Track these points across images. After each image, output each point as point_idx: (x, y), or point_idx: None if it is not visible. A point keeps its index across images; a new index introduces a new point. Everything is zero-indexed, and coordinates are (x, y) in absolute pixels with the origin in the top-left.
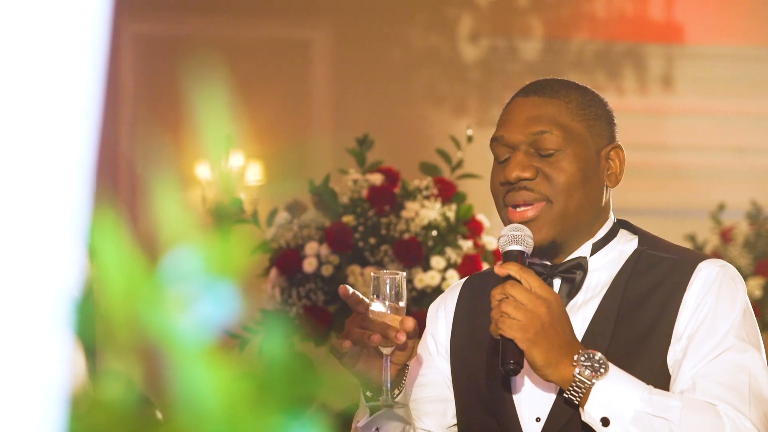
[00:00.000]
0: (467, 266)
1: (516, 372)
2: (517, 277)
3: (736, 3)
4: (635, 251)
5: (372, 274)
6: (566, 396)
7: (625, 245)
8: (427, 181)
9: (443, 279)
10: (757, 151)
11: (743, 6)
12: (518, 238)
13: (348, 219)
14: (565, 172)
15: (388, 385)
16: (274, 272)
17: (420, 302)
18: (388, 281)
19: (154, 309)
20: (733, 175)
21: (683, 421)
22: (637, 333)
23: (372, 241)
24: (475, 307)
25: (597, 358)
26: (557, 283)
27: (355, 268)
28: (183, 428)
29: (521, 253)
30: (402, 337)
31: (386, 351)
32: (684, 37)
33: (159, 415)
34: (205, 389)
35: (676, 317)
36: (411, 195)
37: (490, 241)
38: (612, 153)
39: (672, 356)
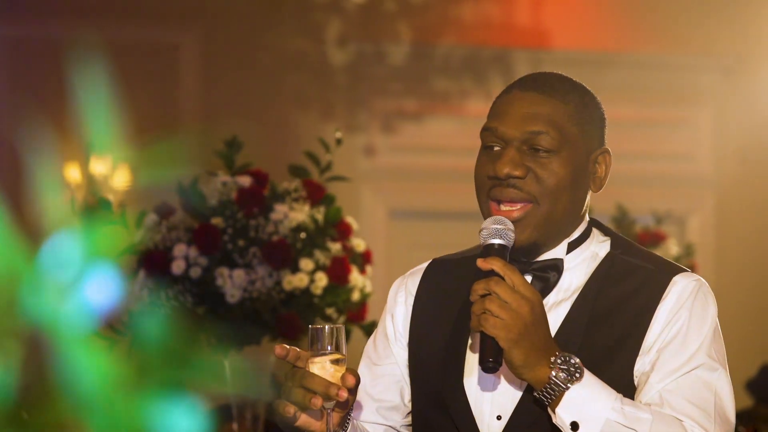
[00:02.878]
0: (336, 268)
1: (495, 370)
2: (501, 273)
3: (602, 9)
4: (608, 255)
5: (309, 327)
6: (536, 396)
7: (597, 246)
8: (296, 183)
9: (312, 281)
10: (622, 156)
11: (609, 12)
12: (501, 232)
13: (217, 221)
14: (556, 174)
15: None
16: (142, 274)
17: (288, 304)
18: (326, 333)
19: (35, 295)
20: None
21: None
22: (607, 341)
23: (241, 243)
24: (438, 294)
25: (573, 362)
26: (529, 279)
27: (224, 270)
28: (62, 412)
29: (503, 247)
30: (344, 395)
31: (328, 406)
32: (550, 42)
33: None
34: (84, 374)
35: (647, 329)
36: (280, 197)
37: (358, 243)
38: (600, 158)
39: (639, 368)
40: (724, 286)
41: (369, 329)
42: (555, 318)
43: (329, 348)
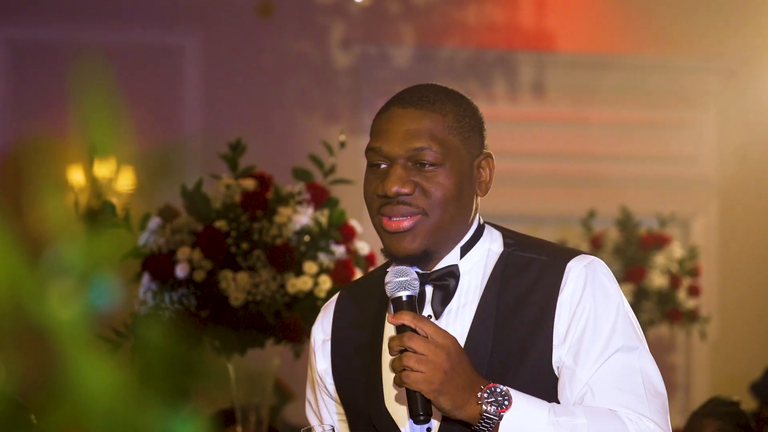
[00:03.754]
0: (340, 271)
1: (427, 421)
2: (412, 326)
3: (606, 11)
4: (503, 253)
5: (302, 430)
6: (474, 430)
7: (491, 244)
8: (299, 186)
9: (316, 284)
10: (626, 159)
11: (612, 14)
12: (405, 284)
13: (220, 224)
14: (442, 186)
15: None
16: (145, 277)
17: (292, 307)
18: None
19: (37, 302)
20: (603, 182)
21: None
22: (518, 337)
23: (244, 246)
24: (350, 324)
25: (499, 391)
26: (429, 290)
27: (228, 274)
28: (63, 420)
29: (411, 297)
30: None
31: None
32: (554, 45)
33: (33, 420)
34: (85, 381)
35: (554, 319)
36: (283, 200)
37: (362, 247)
38: (483, 162)
39: (557, 359)
40: (728, 288)
41: None
42: (463, 322)
43: None
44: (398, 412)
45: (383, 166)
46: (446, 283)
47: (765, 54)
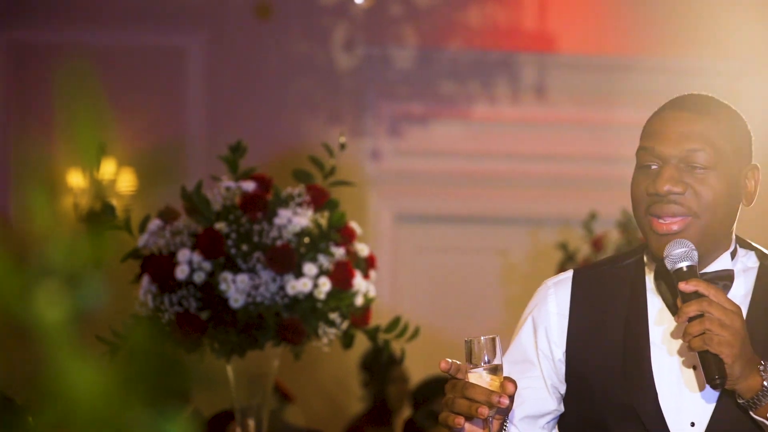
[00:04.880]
0: (339, 273)
1: (723, 385)
2: (706, 293)
3: (608, 13)
4: (761, 266)
5: (465, 340)
6: (741, 402)
7: (745, 257)
8: (299, 188)
9: (315, 286)
10: (628, 161)
11: (615, 16)
12: (687, 254)
13: (220, 226)
14: (714, 189)
15: None
16: (145, 279)
17: (292, 309)
18: (482, 344)
19: (25, 304)
20: (604, 184)
21: None
22: None
23: (244, 248)
24: (595, 305)
25: None
26: None
27: (227, 275)
28: (52, 420)
29: (692, 267)
30: (505, 401)
31: (490, 414)
32: (556, 47)
33: (30, 420)
34: (75, 382)
35: None
36: (283, 202)
37: (362, 248)
38: (750, 173)
39: None
40: None
41: (372, 334)
42: None
43: (485, 358)
44: (668, 403)
45: (654, 167)
46: (716, 285)
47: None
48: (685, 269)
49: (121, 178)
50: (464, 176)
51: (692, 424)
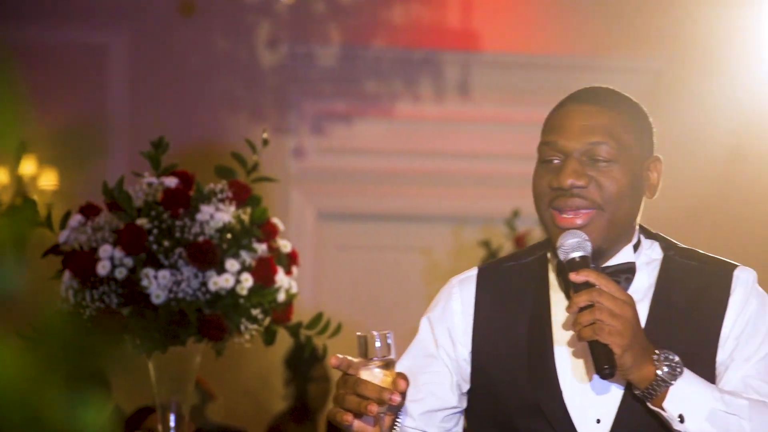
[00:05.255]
0: (262, 269)
1: (612, 375)
2: (597, 283)
3: (532, 12)
4: (665, 257)
5: (357, 334)
6: (637, 393)
7: (649, 249)
8: (222, 184)
9: (237, 282)
10: None
11: (539, 15)
12: (580, 244)
13: (142, 222)
14: (617, 182)
15: None
16: (66, 275)
17: (214, 305)
18: (375, 340)
19: None
20: (527, 182)
21: (752, 417)
22: (688, 339)
23: (166, 243)
24: (500, 303)
25: (673, 358)
26: None
27: (149, 271)
28: None
29: (585, 258)
30: (396, 398)
31: (381, 411)
32: (480, 45)
33: None
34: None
35: (722, 322)
36: (206, 198)
37: (284, 244)
38: (652, 165)
39: (719, 360)
40: None
41: (294, 330)
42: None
43: (378, 354)
44: (572, 400)
45: (556, 161)
46: (618, 279)
47: (690, 54)
48: (577, 260)
49: (42, 175)
50: (387, 174)
51: (598, 421)
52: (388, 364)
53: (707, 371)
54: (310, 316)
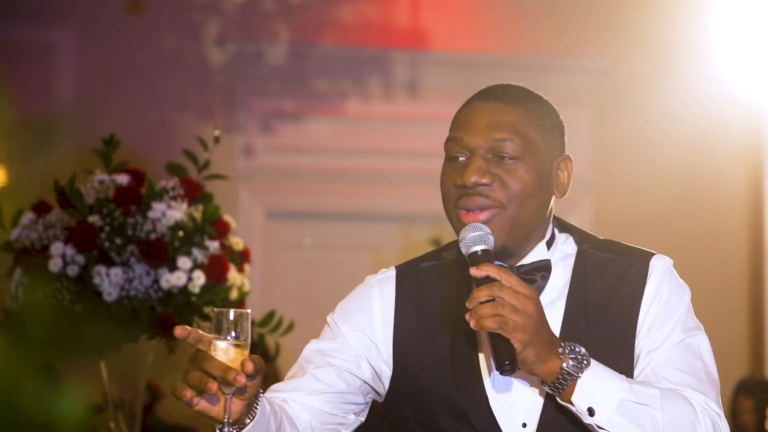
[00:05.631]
0: (214, 267)
1: (513, 371)
2: (497, 277)
3: (481, 11)
4: (579, 251)
5: (214, 310)
6: (545, 388)
7: (564, 245)
8: (173, 181)
9: (190, 279)
10: None
11: (487, 14)
12: (482, 238)
13: (94, 219)
14: (522, 180)
15: (229, 422)
16: (18, 272)
17: (166, 303)
18: (231, 318)
19: None
20: None
21: (664, 407)
22: (608, 333)
23: (118, 241)
24: (420, 303)
25: (579, 350)
26: None
27: (101, 269)
28: None
29: (487, 252)
30: (241, 380)
31: (228, 391)
32: (429, 44)
33: None
34: None
35: (639, 314)
36: (157, 195)
37: (237, 242)
38: (562, 164)
39: (637, 349)
40: None
41: None
42: (554, 317)
43: (233, 333)
44: (497, 403)
45: (462, 158)
46: (534, 277)
47: (638, 54)
48: (479, 253)
49: None
50: (336, 173)
51: (524, 425)
52: (241, 344)
53: (629, 364)
54: (261, 315)
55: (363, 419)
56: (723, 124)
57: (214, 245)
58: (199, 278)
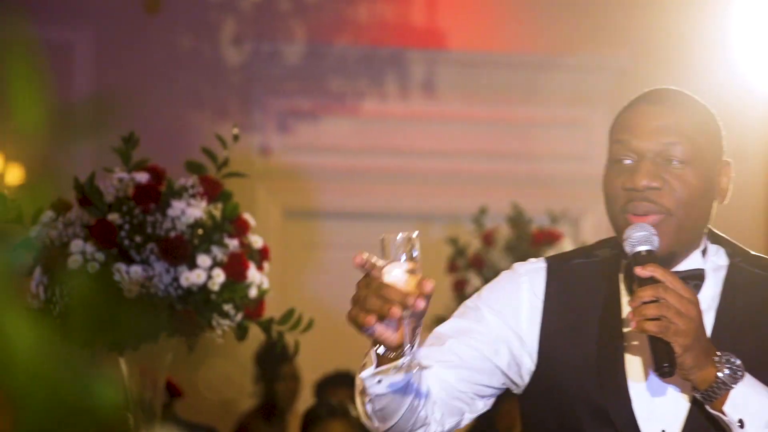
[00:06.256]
0: (233, 265)
1: (671, 374)
2: (662, 279)
3: (497, 10)
4: (731, 264)
5: (382, 236)
6: (697, 396)
7: (716, 256)
8: (192, 179)
9: (209, 277)
10: (518, 157)
11: (504, 13)
12: (647, 238)
13: (113, 217)
14: (689, 185)
15: (408, 347)
16: (38, 270)
17: (186, 301)
18: (400, 242)
19: None
20: (494, 179)
21: None
22: (755, 348)
23: (138, 239)
24: (570, 300)
25: (735, 361)
26: None
27: (121, 267)
28: None
29: (651, 252)
30: (421, 304)
31: (404, 315)
32: (446, 43)
33: None
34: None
35: None
36: (177, 193)
37: (255, 240)
38: (723, 169)
39: None
40: None
41: (266, 325)
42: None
43: (403, 257)
44: (640, 406)
45: (628, 161)
46: (687, 285)
47: (655, 53)
48: (644, 253)
49: (11, 171)
50: (353, 172)
51: None
52: (413, 268)
53: None
54: (279, 313)
55: (488, 408)
56: (743, 122)
57: (233, 243)
58: (219, 276)
